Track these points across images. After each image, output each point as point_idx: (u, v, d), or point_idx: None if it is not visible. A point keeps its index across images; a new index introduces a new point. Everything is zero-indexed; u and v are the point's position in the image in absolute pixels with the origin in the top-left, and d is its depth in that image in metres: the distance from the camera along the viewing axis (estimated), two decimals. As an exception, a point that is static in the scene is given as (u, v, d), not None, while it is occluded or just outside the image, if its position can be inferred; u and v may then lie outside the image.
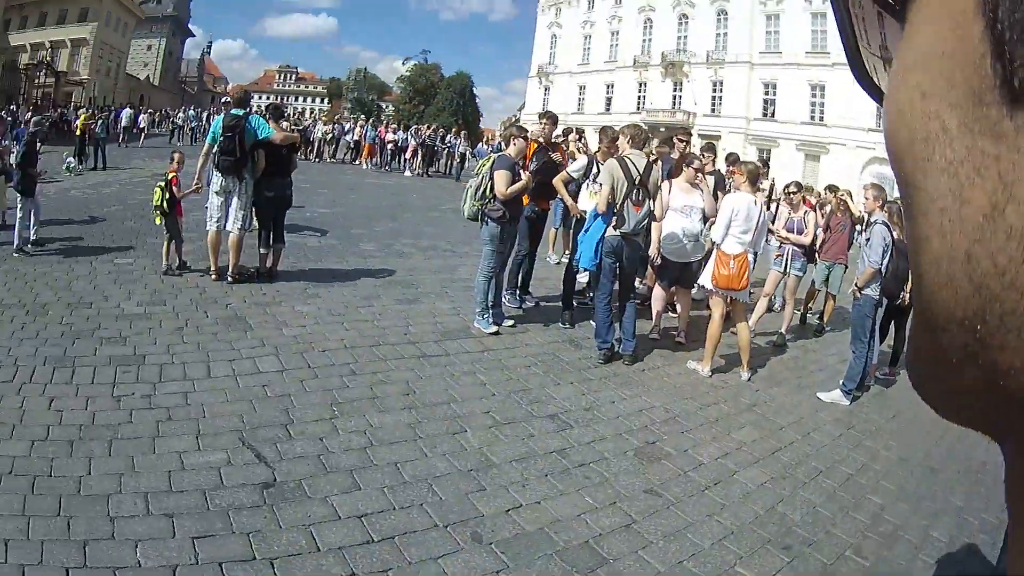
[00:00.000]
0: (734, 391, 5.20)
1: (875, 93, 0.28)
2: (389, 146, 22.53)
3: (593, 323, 5.66)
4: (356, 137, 23.54)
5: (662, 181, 5.61)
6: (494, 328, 5.68)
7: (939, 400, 0.23)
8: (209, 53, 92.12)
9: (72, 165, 15.76)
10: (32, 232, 7.48)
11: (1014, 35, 0.18)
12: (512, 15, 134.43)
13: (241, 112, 6.42)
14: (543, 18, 52.08)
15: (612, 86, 46.00)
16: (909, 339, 0.25)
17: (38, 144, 7.99)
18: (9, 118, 12.49)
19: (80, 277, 6.92)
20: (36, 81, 40.13)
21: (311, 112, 67.12)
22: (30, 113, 15.30)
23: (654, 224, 5.49)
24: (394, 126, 25.33)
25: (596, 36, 47.65)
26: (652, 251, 5.70)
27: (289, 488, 3.30)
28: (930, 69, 0.21)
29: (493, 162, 5.65)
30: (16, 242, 7.36)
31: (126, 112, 26.26)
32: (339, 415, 4.10)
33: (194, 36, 79.51)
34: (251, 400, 4.20)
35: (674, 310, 6.53)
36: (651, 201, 5.25)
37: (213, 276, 6.74)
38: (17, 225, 7.41)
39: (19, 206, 7.39)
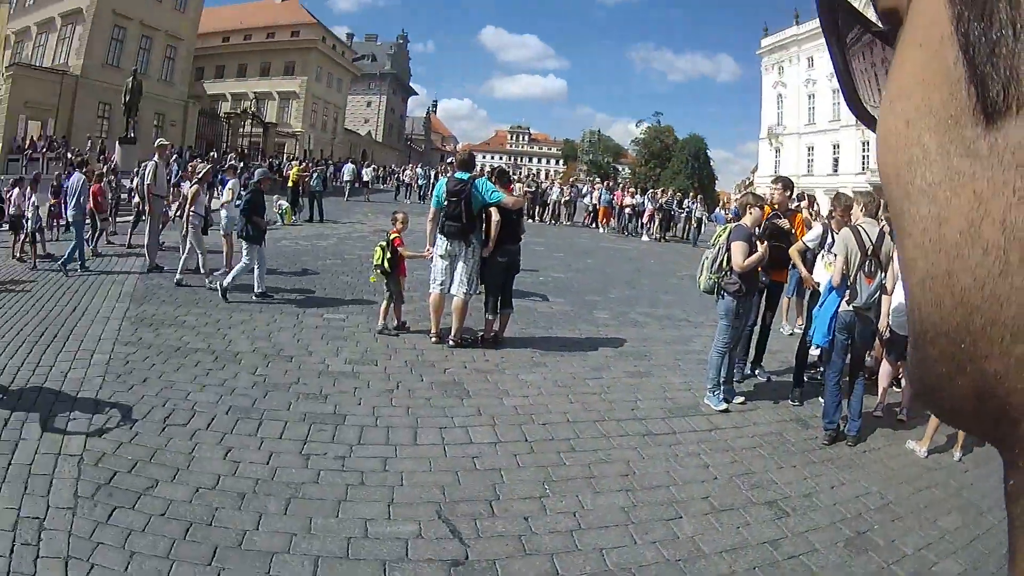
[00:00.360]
0: (945, 473, 6.05)
1: (870, 122, 0.39)
2: (627, 210, 28.85)
3: (821, 400, 6.91)
4: (593, 200, 30.90)
5: (893, 250, 6.84)
6: (724, 405, 6.95)
7: (938, 408, 0.34)
8: (435, 111, 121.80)
9: (285, 208, 20.44)
10: (257, 286, 10.02)
11: (984, 56, 0.27)
12: (737, 75, 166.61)
13: (466, 176, 8.05)
14: (767, 77, 66.97)
15: (838, 146, 58.21)
16: (907, 353, 0.36)
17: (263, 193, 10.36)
18: (209, 164, 16.65)
19: (283, 329, 8.55)
20: (240, 130, 53.37)
21: (546, 174, 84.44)
22: (237, 160, 19.44)
23: (884, 297, 6.71)
24: (632, 190, 32.23)
25: (819, 95, 60.31)
26: (882, 324, 6.93)
27: (480, 568, 3.87)
28: (913, 97, 0.31)
29: (729, 232, 7.08)
30: (227, 281, 9.83)
31: (348, 167, 35.75)
32: (550, 494, 4.85)
33: (416, 95, 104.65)
34: (457, 472, 5.03)
35: (898, 385, 7.81)
36: (883, 272, 6.47)
37: (433, 339, 8.27)
38: (237, 268, 9.94)
39: (245, 252, 9.97)
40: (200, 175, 11.81)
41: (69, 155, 29.59)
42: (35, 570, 3.46)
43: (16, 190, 12.95)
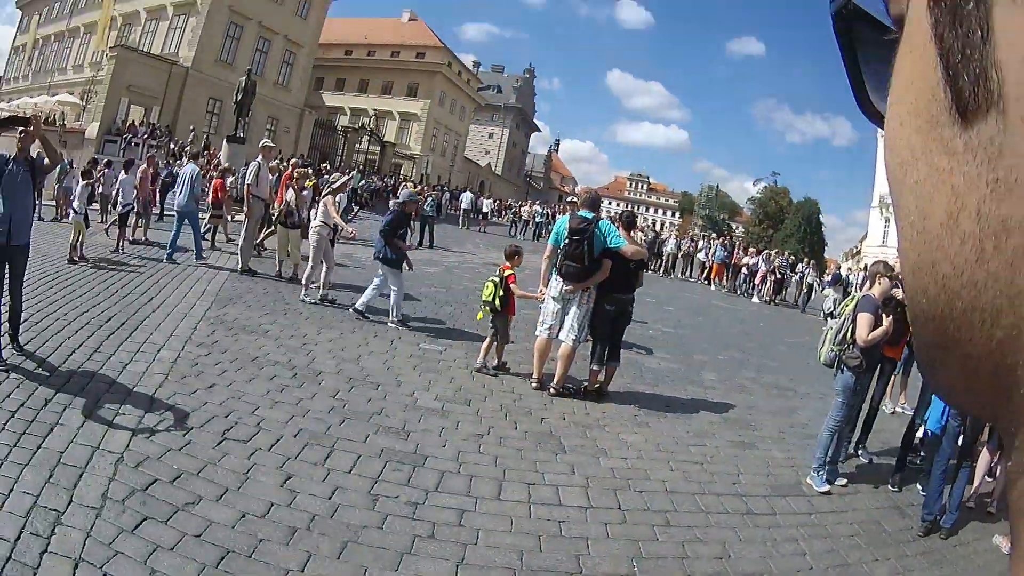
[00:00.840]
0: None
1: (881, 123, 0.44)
2: (743, 270, 30.78)
3: (919, 487, 7.31)
4: (710, 256, 33.18)
5: None
6: (827, 487, 7.03)
7: (936, 386, 0.39)
8: (556, 150, 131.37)
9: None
10: (364, 302, 10.33)
11: (956, 58, 0.31)
12: (853, 141, 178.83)
13: (590, 215, 8.22)
14: (883, 145, 72.38)
15: (948, 223, 61.57)
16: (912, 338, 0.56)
17: (408, 217, 10.69)
18: (347, 176, 17.80)
19: (374, 353, 8.59)
20: (357, 145, 57.34)
21: (662, 225, 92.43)
22: (358, 174, 20.14)
23: None
24: (752, 250, 34.58)
25: (932, 167, 64.90)
26: None
27: (544, 652, 3.72)
28: (905, 100, 0.36)
29: (856, 303, 7.26)
30: (394, 314, 10.31)
31: (467, 195, 38.45)
32: (638, 573, 4.71)
33: (540, 131, 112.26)
34: (539, 535, 4.92)
35: (990, 474, 7.80)
36: None
37: (533, 384, 8.37)
38: (394, 297, 10.29)
39: (391, 279, 10.23)
40: (336, 185, 12.16)
41: (172, 145, 31.32)
42: (39, 563, 3.42)
43: (108, 171, 13.77)
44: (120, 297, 9.12)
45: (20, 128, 6.75)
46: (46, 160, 6.86)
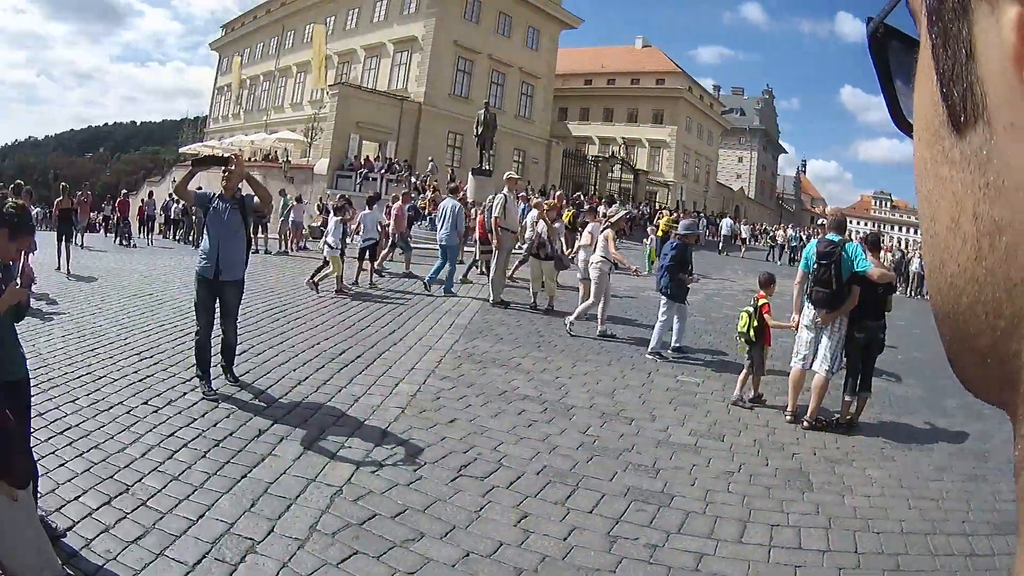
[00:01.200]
0: None
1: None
2: None
3: None
4: None
5: None
6: None
7: (959, 378, 0.43)
8: (804, 171, 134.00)
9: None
10: (676, 340, 10.47)
11: (948, 74, 0.36)
12: None
13: (837, 238, 8.36)
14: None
15: None
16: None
17: (688, 250, 10.89)
18: (626, 210, 18.82)
19: (630, 387, 8.54)
20: (609, 175, 58.94)
21: (906, 243, 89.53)
22: (618, 204, 20.63)
23: None
24: None
25: None
26: None
27: None
28: (920, 117, 0.41)
29: None
30: (653, 345, 10.35)
31: (727, 221, 40.87)
32: None
33: (786, 152, 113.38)
34: None
35: None
36: None
37: (788, 417, 8.38)
38: (657, 329, 10.40)
39: (662, 310, 10.45)
40: (615, 220, 12.47)
41: (412, 179, 32.96)
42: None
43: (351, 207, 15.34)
44: (357, 331, 9.64)
45: (224, 168, 7.15)
46: (255, 199, 7.24)
